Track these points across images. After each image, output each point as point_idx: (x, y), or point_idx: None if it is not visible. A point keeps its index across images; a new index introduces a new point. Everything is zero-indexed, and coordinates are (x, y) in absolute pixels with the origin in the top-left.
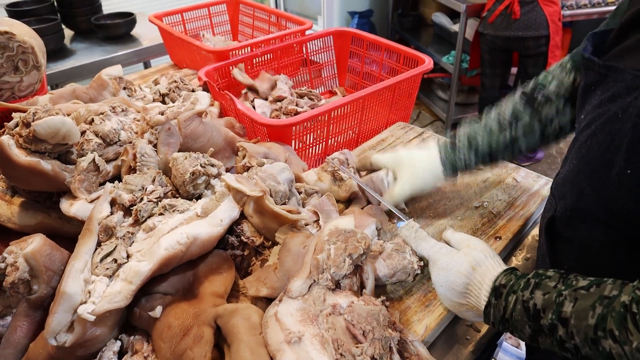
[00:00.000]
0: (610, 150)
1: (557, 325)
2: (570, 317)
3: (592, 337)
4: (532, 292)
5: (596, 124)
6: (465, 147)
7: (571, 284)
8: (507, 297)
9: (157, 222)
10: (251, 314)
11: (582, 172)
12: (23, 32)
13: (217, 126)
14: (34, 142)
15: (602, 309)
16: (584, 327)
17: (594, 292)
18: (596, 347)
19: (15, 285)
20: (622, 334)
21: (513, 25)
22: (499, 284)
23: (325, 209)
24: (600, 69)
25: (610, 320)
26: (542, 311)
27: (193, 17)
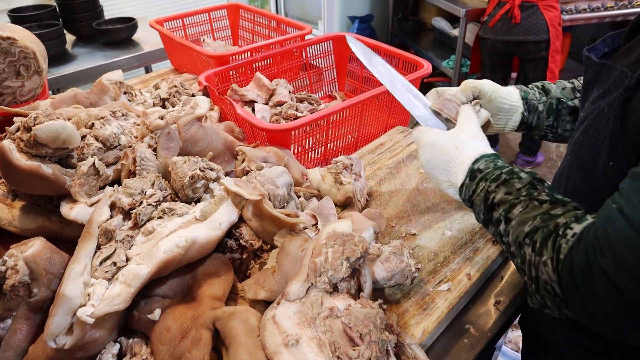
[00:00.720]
0: (597, 145)
1: (502, 221)
2: (514, 219)
3: (520, 241)
4: (498, 186)
5: (589, 120)
6: (537, 89)
7: (532, 194)
8: (479, 182)
9: (156, 225)
10: (249, 317)
11: (574, 166)
12: (25, 37)
13: (216, 130)
14: (34, 146)
15: (540, 222)
16: (519, 231)
17: (544, 207)
18: (519, 250)
19: (15, 288)
20: (540, 247)
21: (513, 29)
22: (477, 167)
23: (324, 213)
24: (596, 67)
25: (539, 233)
26: (497, 205)
27: (193, 22)
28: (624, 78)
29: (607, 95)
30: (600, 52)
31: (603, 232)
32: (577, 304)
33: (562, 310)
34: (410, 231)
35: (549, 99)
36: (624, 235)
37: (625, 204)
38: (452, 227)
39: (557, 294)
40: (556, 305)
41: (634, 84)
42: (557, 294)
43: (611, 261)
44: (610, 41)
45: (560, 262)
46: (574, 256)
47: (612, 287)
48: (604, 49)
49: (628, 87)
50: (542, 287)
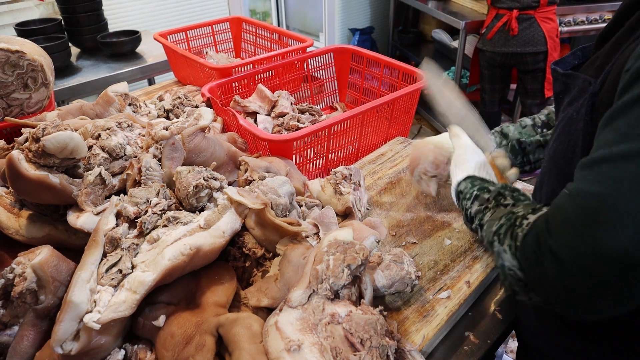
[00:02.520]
0: (569, 149)
1: (479, 229)
2: (485, 224)
3: (490, 239)
4: (472, 202)
5: (560, 127)
6: (498, 134)
7: (499, 201)
8: (462, 202)
9: (161, 233)
10: (252, 323)
11: (551, 172)
12: (33, 50)
13: (219, 141)
14: (42, 156)
15: (504, 221)
16: (489, 232)
17: (508, 209)
18: (492, 248)
19: (22, 295)
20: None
21: (511, 41)
22: (459, 189)
23: (325, 222)
24: (562, 78)
25: (502, 228)
26: (473, 217)
27: (197, 35)
28: (588, 85)
29: (574, 102)
30: (569, 65)
31: (552, 216)
32: (536, 285)
33: (529, 294)
34: (410, 240)
35: (509, 141)
36: (567, 213)
37: (574, 189)
38: (452, 236)
39: (520, 278)
40: (522, 290)
41: (599, 89)
42: (520, 278)
43: (555, 239)
44: (580, 54)
45: (518, 248)
46: (527, 240)
47: (557, 263)
48: (574, 62)
49: (593, 92)
50: (507, 274)
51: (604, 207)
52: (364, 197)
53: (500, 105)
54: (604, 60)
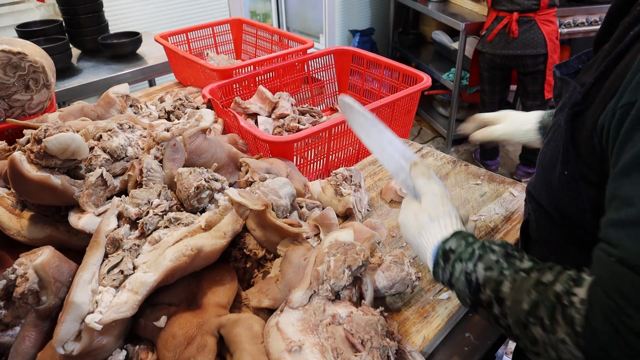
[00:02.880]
0: (554, 156)
1: (494, 303)
2: (507, 299)
3: (524, 321)
4: (475, 264)
5: (551, 132)
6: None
7: (514, 264)
8: (454, 264)
9: (163, 234)
10: (253, 324)
11: (539, 177)
12: (34, 52)
13: (220, 142)
14: (44, 157)
15: (537, 295)
16: (517, 311)
17: (533, 277)
18: (525, 331)
19: (24, 295)
20: (550, 323)
21: (511, 43)
22: (448, 248)
23: (326, 223)
24: (558, 82)
25: (542, 308)
26: (483, 286)
27: (197, 36)
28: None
29: (564, 108)
30: (573, 68)
31: (615, 290)
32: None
33: None
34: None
35: None
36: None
37: (627, 255)
38: None
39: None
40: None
41: (581, 99)
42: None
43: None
44: (585, 58)
45: (581, 336)
46: (594, 325)
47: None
48: (578, 65)
49: (575, 102)
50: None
51: None
52: (364, 199)
53: (500, 107)
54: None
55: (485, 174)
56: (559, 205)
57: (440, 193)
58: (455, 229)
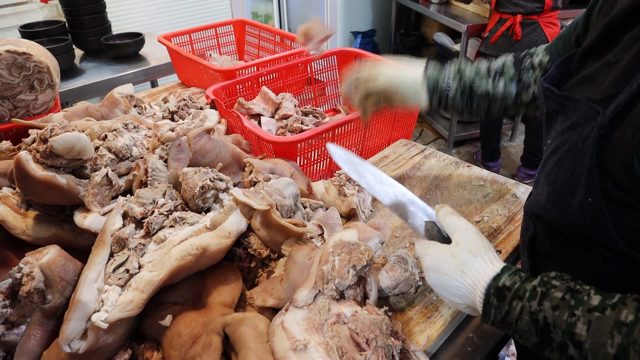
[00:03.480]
0: (574, 178)
1: (569, 344)
2: (585, 342)
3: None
4: (540, 303)
5: (561, 152)
6: (452, 73)
7: (582, 300)
8: (512, 302)
9: (168, 234)
10: (258, 323)
11: (551, 197)
12: (39, 52)
13: (224, 143)
14: (50, 157)
15: (622, 339)
16: (602, 355)
17: (609, 315)
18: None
19: (30, 294)
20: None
21: (514, 46)
22: (502, 285)
23: (330, 223)
24: (559, 99)
25: (633, 354)
26: (552, 326)
27: (200, 37)
28: (596, 115)
29: (578, 128)
30: (555, 79)
31: None
32: None
33: None
34: (414, 241)
35: (462, 82)
36: None
37: None
38: None
39: None
40: None
41: (608, 122)
42: None
43: None
44: (562, 67)
45: None
46: None
47: None
48: (558, 75)
49: (602, 125)
50: None
51: None
52: (367, 199)
53: None
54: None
55: (488, 175)
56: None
57: (474, 228)
58: (502, 263)
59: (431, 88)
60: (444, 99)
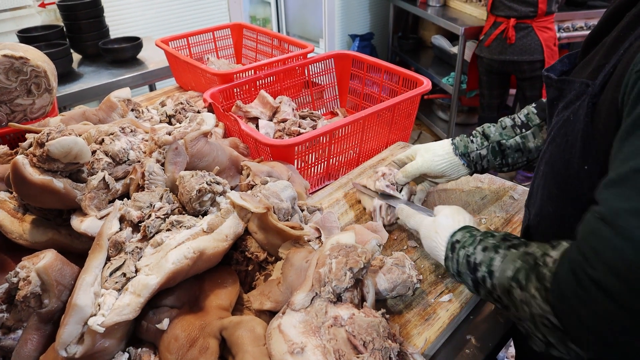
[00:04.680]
0: (567, 151)
1: (486, 277)
2: (496, 271)
3: (507, 287)
4: (475, 247)
5: (554, 130)
6: (479, 134)
7: (507, 244)
8: (459, 252)
9: (165, 237)
10: (255, 326)
11: (548, 175)
12: (37, 57)
13: (222, 146)
14: (47, 161)
15: (520, 263)
16: (503, 279)
17: (521, 250)
18: (509, 297)
19: (27, 299)
20: (525, 283)
21: (508, 49)
22: (455, 239)
23: (327, 226)
24: (556, 84)
25: (521, 272)
26: (479, 265)
27: (198, 41)
28: (586, 87)
29: (570, 105)
30: (558, 71)
31: (587, 245)
32: (576, 329)
33: (567, 345)
34: (411, 243)
35: (490, 143)
36: (610, 243)
37: (606, 212)
38: None
39: (555, 326)
40: (559, 340)
41: (598, 91)
42: (556, 326)
43: (601, 271)
44: (567, 61)
45: (549, 291)
46: (561, 278)
47: (607, 297)
48: (562, 68)
49: (593, 94)
50: (539, 323)
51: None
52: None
53: (499, 111)
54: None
55: (486, 177)
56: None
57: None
58: (466, 224)
59: (463, 155)
60: (479, 166)
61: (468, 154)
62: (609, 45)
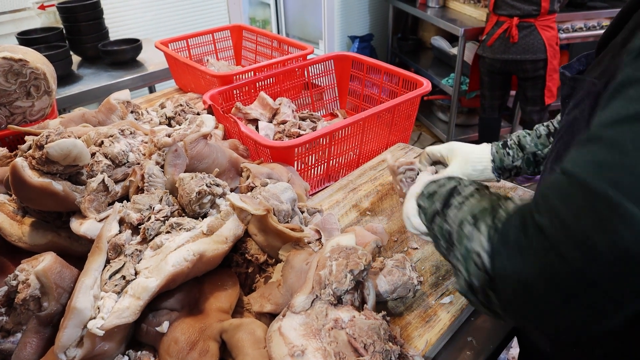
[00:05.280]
0: None
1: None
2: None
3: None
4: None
5: (563, 129)
6: (515, 145)
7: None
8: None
9: (164, 239)
10: (255, 329)
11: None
12: (36, 59)
13: (221, 148)
14: (46, 163)
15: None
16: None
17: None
18: (460, 230)
19: (26, 302)
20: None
21: (511, 48)
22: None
23: (327, 228)
24: (570, 82)
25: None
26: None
27: (198, 43)
28: (593, 86)
29: (580, 104)
30: (575, 70)
31: (543, 195)
32: (504, 278)
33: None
34: (412, 245)
35: (525, 154)
36: (563, 189)
37: (568, 164)
38: None
39: (485, 268)
40: (482, 284)
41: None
42: (486, 268)
43: (547, 217)
44: (585, 60)
45: (497, 230)
46: (510, 222)
47: (548, 244)
48: (579, 67)
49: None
50: (470, 260)
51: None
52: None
53: (500, 112)
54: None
55: None
56: None
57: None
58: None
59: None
60: (509, 174)
61: (504, 167)
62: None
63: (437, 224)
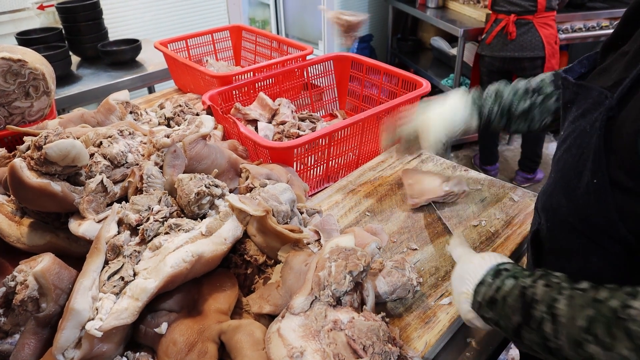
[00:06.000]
0: (581, 162)
1: (546, 320)
2: (561, 316)
3: (578, 339)
4: (535, 281)
5: (570, 139)
6: (492, 97)
7: (572, 285)
8: (505, 280)
9: (163, 240)
10: (254, 330)
11: (558, 184)
12: (35, 59)
13: (220, 148)
14: (45, 164)
15: (592, 312)
16: (572, 328)
17: (589, 294)
18: (579, 350)
19: (24, 303)
20: (607, 338)
21: (509, 45)
22: (502, 267)
23: (327, 229)
24: (573, 88)
25: (598, 325)
26: (537, 302)
27: (197, 43)
28: (605, 99)
29: (588, 114)
30: (577, 73)
31: None
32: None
33: None
34: (411, 246)
35: (501, 103)
36: None
37: None
38: None
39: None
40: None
41: (615, 104)
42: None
43: None
44: (586, 62)
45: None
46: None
47: None
48: (581, 70)
49: (610, 107)
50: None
51: None
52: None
53: None
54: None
55: (485, 179)
56: (582, 214)
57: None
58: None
59: (476, 113)
60: (484, 120)
61: (481, 115)
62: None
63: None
